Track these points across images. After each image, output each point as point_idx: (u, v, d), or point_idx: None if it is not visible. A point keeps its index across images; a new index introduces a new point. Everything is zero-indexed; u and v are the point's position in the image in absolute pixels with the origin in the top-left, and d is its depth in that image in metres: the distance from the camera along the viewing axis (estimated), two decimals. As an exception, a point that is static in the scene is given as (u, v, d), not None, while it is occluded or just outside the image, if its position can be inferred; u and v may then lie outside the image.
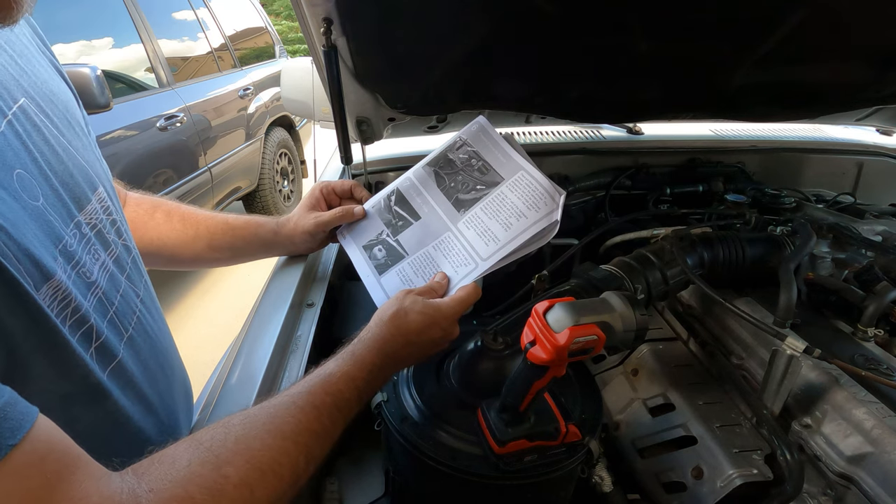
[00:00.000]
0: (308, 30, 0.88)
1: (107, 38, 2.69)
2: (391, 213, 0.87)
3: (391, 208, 0.88)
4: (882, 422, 0.65)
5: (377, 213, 0.89)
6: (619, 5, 0.82)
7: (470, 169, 0.86)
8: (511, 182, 0.81)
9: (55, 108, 0.53)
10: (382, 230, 0.86)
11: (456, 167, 0.87)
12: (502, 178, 0.82)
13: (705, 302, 0.98)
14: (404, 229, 0.85)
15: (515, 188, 0.80)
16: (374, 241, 0.86)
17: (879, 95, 1.10)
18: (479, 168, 0.85)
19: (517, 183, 0.81)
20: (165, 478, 0.39)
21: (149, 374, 0.57)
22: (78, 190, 0.51)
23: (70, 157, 0.52)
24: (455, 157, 0.88)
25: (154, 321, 0.62)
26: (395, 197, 0.89)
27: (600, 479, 0.78)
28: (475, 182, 0.84)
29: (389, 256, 0.83)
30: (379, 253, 0.84)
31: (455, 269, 0.77)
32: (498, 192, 0.81)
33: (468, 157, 0.87)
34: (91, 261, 0.50)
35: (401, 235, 0.84)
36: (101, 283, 0.51)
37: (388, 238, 0.85)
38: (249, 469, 0.43)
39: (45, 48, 0.60)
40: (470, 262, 0.77)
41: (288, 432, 0.48)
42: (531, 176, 0.80)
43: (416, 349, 0.65)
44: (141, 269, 0.63)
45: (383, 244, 0.85)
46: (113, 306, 0.52)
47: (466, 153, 0.87)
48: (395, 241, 0.84)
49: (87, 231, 0.51)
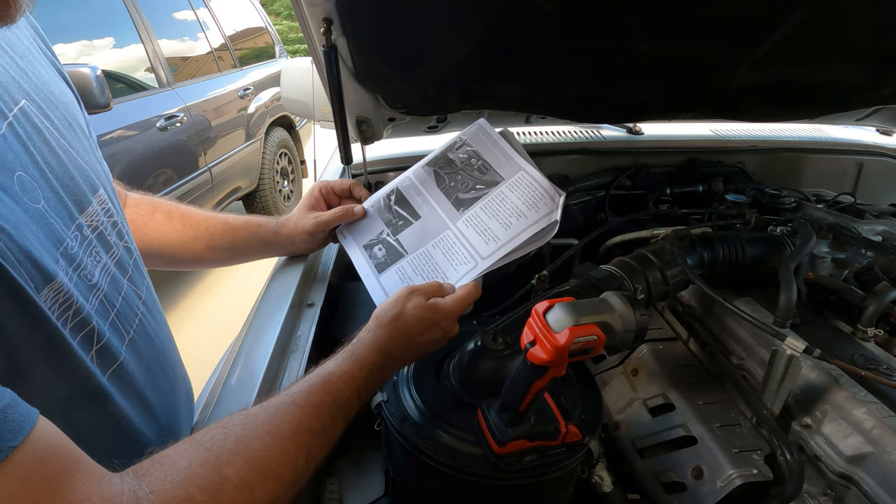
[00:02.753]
0: (308, 30, 0.88)
1: (108, 38, 2.69)
2: (391, 213, 0.87)
3: (391, 207, 0.88)
4: (882, 422, 0.65)
5: (377, 213, 0.88)
6: (619, 5, 0.82)
7: (470, 168, 0.86)
8: (511, 182, 0.81)
9: (56, 109, 0.53)
10: (383, 229, 0.86)
11: (456, 167, 0.87)
12: (502, 178, 0.82)
13: (705, 302, 0.98)
14: (404, 228, 0.85)
15: (515, 188, 0.80)
16: (374, 240, 0.86)
17: (879, 95, 1.10)
18: (478, 167, 0.85)
19: (517, 183, 0.81)
20: (166, 479, 0.39)
21: (150, 376, 0.57)
22: (79, 192, 0.51)
23: (71, 160, 0.52)
24: (455, 157, 0.88)
25: (156, 323, 0.62)
26: (395, 196, 0.88)
27: (600, 479, 0.78)
28: (475, 181, 0.84)
29: (389, 255, 0.83)
30: (379, 252, 0.84)
31: (455, 268, 0.77)
32: (498, 192, 0.81)
33: (468, 156, 0.87)
34: (92, 263, 0.50)
35: (401, 234, 0.84)
36: (102, 285, 0.51)
37: (388, 237, 0.85)
38: (250, 469, 0.43)
39: (46, 49, 0.60)
40: (470, 261, 0.77)
41: (288, 432, 0.48)
42: (531, 176, 0.80)
43: (416, 348, 0.65)
44: (143, 271, 0.63)
45: (383, 243, 0.85)
46: (114, 308, 0.52)
47: (466, 153, 0.87)
48: (394, 241, 0.84)
49: (88, 233, 0.51)
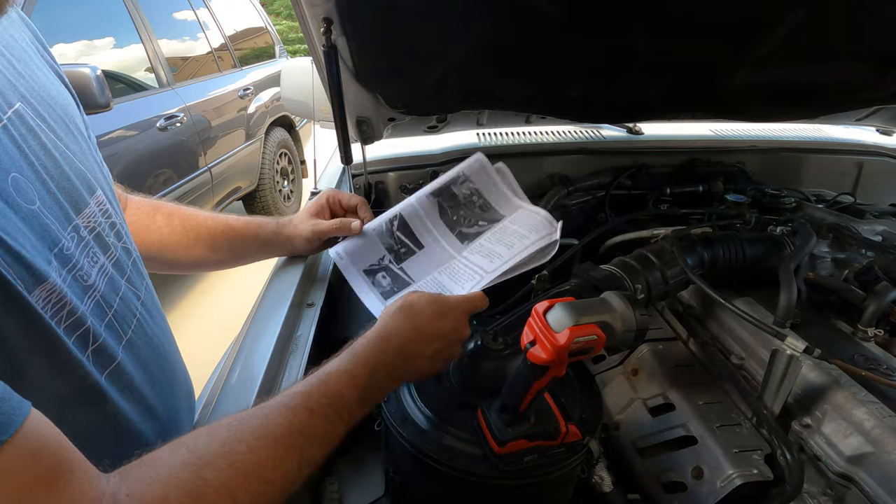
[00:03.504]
0: (308, 30, 0.88)
1: (108, 38, 2.69)
2: (393, 239, 0.86)
3: (393, 233, 0.87)
4: (882, 422, 0.65)
5: (378, 237, 0.87)
6: (619, 5, 0.82)
7: (471, 205, 0.88)
8: (512, 218, 0.85)
9: (53, 112, 0.53)
10: (384, 255, 0.85)
11: (458, 201, 0.88)
12: (503, 216, 0.85)
13: (705, 302, 0.98)
14: (408, 257, 0.85)
15: (517, 221, 0.83)
16: (375, 266, 0.85)
17: (879, 95, 1.10)
18: (480, 206, 0.87)
19: (518, 218, 0.84)
20: (145, 480, 0.39)
21: (149, 376, 0.57)
22: (75, 194, 0.51)
23: (67, 162, 0.52)
24: (458, 192, 0.89)
25: (155, 323, 0.62)
26: (398, 222, 0.88)
27: (600, 479, 0.78)
28: (477, 217, 0.86)
29: (395, 284, 0.82)
30: (384, 280, 0.83)
31: (461, 286, 0.79)
32: (500, 226, 0.84)
33: (470, 192, 0.89)
34: (89, 264, 0.50)
35: (405, 263, 0.84)
36: (99, 285, 0.51)
37: (391, 265, 0.84)
38: (233, 473, 0.42)
39: (45, 53, 0.60)
40: (475, 276, 0.79)
41: (279, 435, 0.46)
42: (530, 209, 0.84)
43: (426, 343, 0.60)
44: (142, 272, 0.63)
45: (387, 271, 0.84)
46: (112, 309, 0.52)
47: (469, 189, 0.89)
48: (398, 269, 0.84)
49: (85, 234, 0.51)
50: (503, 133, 1.53)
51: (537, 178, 1.42)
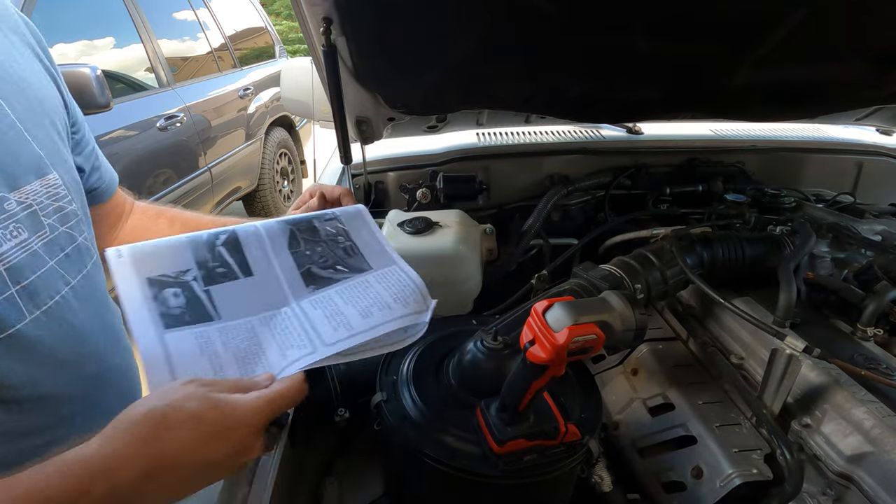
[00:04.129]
0: (308, 30, 0.88)
1: (108, 38, 2.69)
2: (212, 253, 0.65)
3: (215, 247, 0.66)
4: (882, 421, 0.65)
5: (189, 245, 0.65)
6: (619, 5, 0.82)
7: (334, 245, 0.72)
8: (380, 273, 0.69)
9: (22, 97, 0.57)
10: (190, 269, 0.62)
11: (319, 237, 0.72)
12: (370, 268, 0.70)
13: (705, 301, 0.98)
14: (222, 281, 0.63)
15: (384, 280, 0.68)
16: (169, 277, 0.61)
17: (879, 95, 1.10)
18: (344, 248, 0.72)
19: (387, 276, 0.68)
20: None
21: (54, 359, 0.58)
22: (15, 169, 0.54)
23: (18, 140, 0.55)
24: (321, 227, 0.73)
25: (88, 317, 0.63)
26: (228, 237, 0.67)
27: (600, 479, 0.78)
28: (336, 260, 0.69)
29: (189, 310, 0.58)
30: (174, 299, 0.59)
31: (283, 352, 0.57)
32: (362, 279, 0.67)
33: (336, 231, 0.74)
34: (3, 235, 0.52)
35: (215, 288, 0.61)
36: (11, 257, 0.53)
37: (193, 283, 0.61)
38: None
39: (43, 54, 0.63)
40: (307, 345, 0.57)
41: None
42: (405, 272, 0.69)
43: (179, 481, 0.43)
44: (85, 264, 0.64)
45: (184, 288, 0.60)
46: (22, 282, 0.54)
47: (335, 228, 0.74)
48: (202, 292, 0.61)
49: (12, 207, 0.53)
50: (503, 133, 1.53)
51: (537, 178, 1.42)
